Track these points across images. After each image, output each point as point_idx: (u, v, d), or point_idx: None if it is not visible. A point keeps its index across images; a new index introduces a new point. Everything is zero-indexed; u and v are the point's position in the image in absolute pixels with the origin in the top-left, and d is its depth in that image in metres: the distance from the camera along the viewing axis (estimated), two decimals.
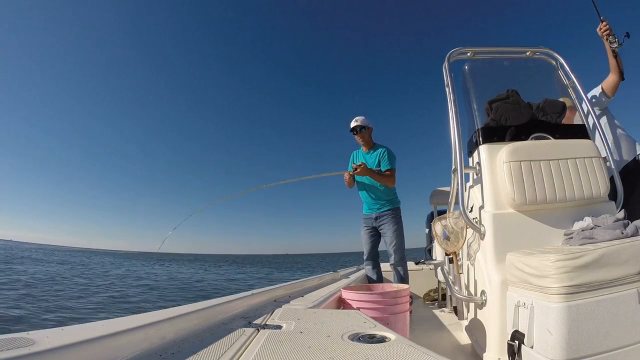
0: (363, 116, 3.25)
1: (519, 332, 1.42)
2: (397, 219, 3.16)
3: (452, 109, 2.05)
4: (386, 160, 3.12)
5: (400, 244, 3.09)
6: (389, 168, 3.10)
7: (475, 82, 2.38)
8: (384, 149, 3.19)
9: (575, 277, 1.27)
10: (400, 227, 3.14)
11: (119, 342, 0.66)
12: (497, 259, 1.70)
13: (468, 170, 2.09)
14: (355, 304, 1.83)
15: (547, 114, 2.09)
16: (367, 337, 0.85)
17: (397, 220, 3.15)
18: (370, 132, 3.26)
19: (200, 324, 0.96)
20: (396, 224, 3.12)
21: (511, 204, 1.80)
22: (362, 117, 3.24)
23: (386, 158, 3.12)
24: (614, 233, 1.48)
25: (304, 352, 0.72)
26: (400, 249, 3.08)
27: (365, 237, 3.26)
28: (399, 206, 3.23)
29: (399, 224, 3.15)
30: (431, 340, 2.38)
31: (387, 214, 3.14)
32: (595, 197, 1.79)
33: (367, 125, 3.21)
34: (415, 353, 0.70)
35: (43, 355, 0.52)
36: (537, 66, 2.44)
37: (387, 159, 3.12)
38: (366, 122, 3.22)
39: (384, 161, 3.12)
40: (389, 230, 3.10)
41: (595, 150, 1.89)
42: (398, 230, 3.11)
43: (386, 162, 3.12)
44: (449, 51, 2.29)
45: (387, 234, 3.12)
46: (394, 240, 3.08)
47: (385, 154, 3.14)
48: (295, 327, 0.98)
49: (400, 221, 3.18)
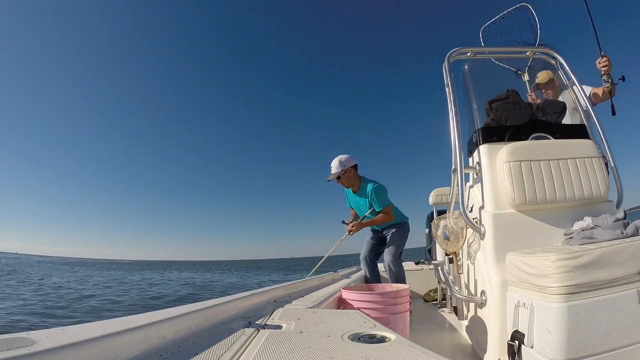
0: (338, 158, 3.02)
1: (519, 332, 1.42)
2: (404, 230, 3.23)
3: (452, 109, 2.05)
4: (376, 202, 3.02)
5: (398, 244, 3.13)
6: (381, 209, 3.05)
7: (475, 82, 2.38)
8: (371, 187, 3.02)
9: (575, 276, 1.26)
10: (404, 235, 3.20)
11: (119, 342, 0.66)
12: (497, 259, 1.70)
13: (468, 170, 2.09)
14: (355, 304, 1.83)
15: (547, 114, 2.09)
16: (367, 337, 0.85)
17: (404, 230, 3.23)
18: (350, 173, 3.05)
19: (200, 324, 0.96)
20: (401, 232, 3.20)
21: (511, 204, 1.80)
22: (336, 161, 3.02)
23: (375, 200, 3.02)
24: (614, 233, 1.48)
25: (304, 352, 0.72)
26: (398, 248, 3.11)
27: (368, 238, 3.32)
28: (406, 222, 3.28)
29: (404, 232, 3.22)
30: (431, 340, 2.38)
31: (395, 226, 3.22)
32: (595, 197, 1.79)
33: (345, 168, 3.00)
34: (415, 353, 0.70)
35: (43, 355, 0.52)
36: (537, 66, 2.45)
37: (377, 200, 3.02)
38: (341, 166, 3.00)
39: (375, 204, 3.04)
40: (393, 235, 3.17)
41: (595, 150, 1.89)
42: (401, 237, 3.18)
43: (377, 204, 3.03)
44: (449, 51, 2.29)
45: (389, 239, 3.19)
46: (393, 241, 3.13)
47: (373, 195, 3.01)
48: (295, 327, 0.98)
49: (406, 234, 3.24)
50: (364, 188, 3.10)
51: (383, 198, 3.05)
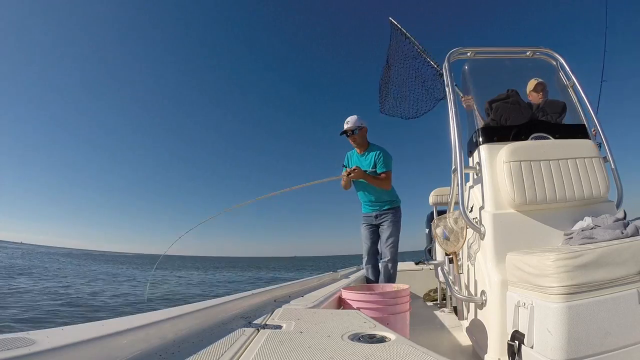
0: (355, 115, 3.06)
1: (519, 332, 1.42)
2: (397, 219, 3.10)
3: (452, 109, 2.05)
4: (382, 162, 2.98)
5: (395, 243, 3.05)
6: (384, 171, 2.97)
7: (475, 82, 2.38)
8: (380, 150, 3.04)
9: (575, 276, 1.26)
10: (398, 228, 3.09)
11: (119, 342, 0.66)
12: (497, 259, 1.70)
13: (468, 170, 2.09)
14: (355, 304, 1.83)
15: (547, 114, 2.10)
16: (367, 337, 0.85)
17: (397, 220, 3.09)
18: (364, 132, 3.09)
19: (200, 324, 0.96)
20: (396, 224, 3.07)
21: (511, 204, 1.80)
22: (354, 116, 3.06)
23: (382, 160, 2.98)
24: (614, 233, 1.48)
25: (304, 352, 0.72)
26: (395, 248, 3.04)
27: (366, 233, 3.17)
28: (399, 205, 3.15)
29: (398, 224, 3.09)
30: (431, 340, 2.38)
31: (389, 212, 3.08)
32: (595, 197, 1.79)
33: (360, 126, 3.04)
34: (415, 353, 0.70)
35: (43, 355, 0.52)
36: (537, 66, 2.44)
37: (383, 161, 2.98)
38: (359, 122, 3.04)
39: (379, 163, 2.98)
40: (388, 230, 3.05)
41: (595, 150, 1.89)
42: (396, 231, 3.07)
43: (382, 164, 2.98)
44: (449, 51, 2.29)
45: (384, 233, 3.07)
46: (390, 240, 3.03)
47: (380, 156, 3.00)
48: (295, 327, 0.98)
49: (400, 221, 3.12)
50: (371, 150, 3.07)
51: (389, 162, 3.02)
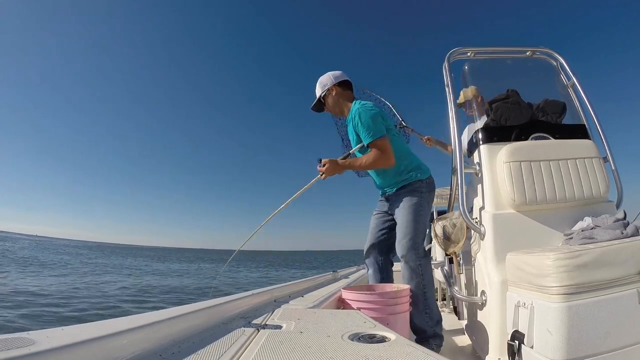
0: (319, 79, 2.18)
1: (519, 332, 1.42)
2: (414, 199, 2.00)
3: (452, 109, 2.05)
4: (361, 129, 1.98)
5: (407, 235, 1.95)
6: (370, 141, 1.96)
7: (475, 82, 2.38)
8: (354, 113, 2.01)
9: (575, 276, 1.26)
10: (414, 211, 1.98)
11: (119, 342, 0.66)
12: (497, 259, 1.70)
13: (468, 171, 2.08)
14: (355, 304, 1.82)
15: (547, 114, 2.09)
16: (367, 337, 0.85)
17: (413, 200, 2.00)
18: (333, 96, 2.14)
19: (200, 324, 0.96)
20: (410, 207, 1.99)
21: (511, 204, 1.80)
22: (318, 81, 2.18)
23: (360, 127, 1.98)
24: (614, 233, 1.48)
25: (304, 352, 0.72)
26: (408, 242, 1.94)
27: (371, 223, 2.23)
28: (420, 178, 2.05)
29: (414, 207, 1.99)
30: None
31: (401, 191, 2.06)
32: (595, 197, 1.79)
33: (325, 89, 2.14)
34: (415, 353, 0.70)
35: (43, 355, 0.52)
36: (537, 66, 2.44)
37: (361, 126, 1.97)
38: (323, 85, 2.15)
39: (360, 132, 2.00)
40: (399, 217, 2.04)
41: (595, 150, 1.89)
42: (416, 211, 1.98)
43: (362, 132, 1.97)
44: (449, 51, 2.29)
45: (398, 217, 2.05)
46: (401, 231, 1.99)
47: (357, 118, 1.99)
48: (295, 327, 0.98)
49: (419, 202, 2.00)
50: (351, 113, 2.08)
51: (371, 124, 1.95)
